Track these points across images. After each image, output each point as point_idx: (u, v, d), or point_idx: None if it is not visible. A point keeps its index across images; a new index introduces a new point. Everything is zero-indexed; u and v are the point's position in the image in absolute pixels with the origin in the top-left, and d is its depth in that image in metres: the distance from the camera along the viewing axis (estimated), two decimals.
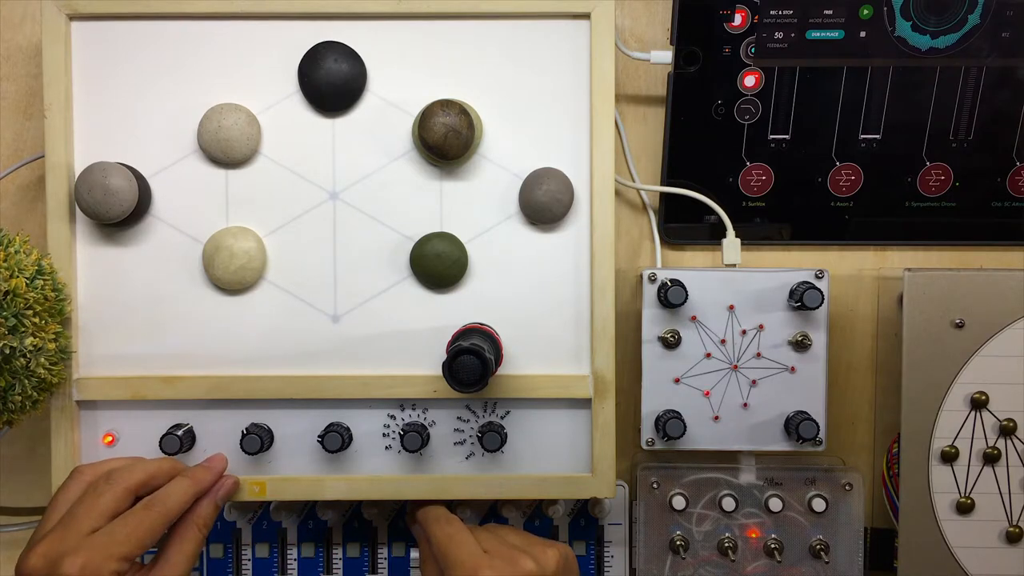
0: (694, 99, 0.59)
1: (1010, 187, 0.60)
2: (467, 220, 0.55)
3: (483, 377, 0.46)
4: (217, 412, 0.55)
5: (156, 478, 0.50)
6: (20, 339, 0.48)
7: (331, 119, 0.55)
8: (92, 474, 0.50)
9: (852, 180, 0.60)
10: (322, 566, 0.61)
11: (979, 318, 0.55)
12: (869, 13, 0.57)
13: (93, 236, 0.55)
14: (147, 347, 0.55)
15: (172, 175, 0.55)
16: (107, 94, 0.54)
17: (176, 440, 0.53)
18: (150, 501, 0.48)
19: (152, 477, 0.50)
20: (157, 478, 0.50)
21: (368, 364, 0.55)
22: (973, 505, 0.56)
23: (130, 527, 0.47)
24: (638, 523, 0.60)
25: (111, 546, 0.45)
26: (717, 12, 0.58)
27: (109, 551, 0.45)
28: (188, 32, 0.54)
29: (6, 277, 0.48)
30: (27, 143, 0.61)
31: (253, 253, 0.54)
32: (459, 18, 0.54)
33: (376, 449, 0.56)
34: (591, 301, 0.55)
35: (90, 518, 0.47)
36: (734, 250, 0.58)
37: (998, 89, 0.58)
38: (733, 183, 0.60)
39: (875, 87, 0.59)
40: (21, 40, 0.60)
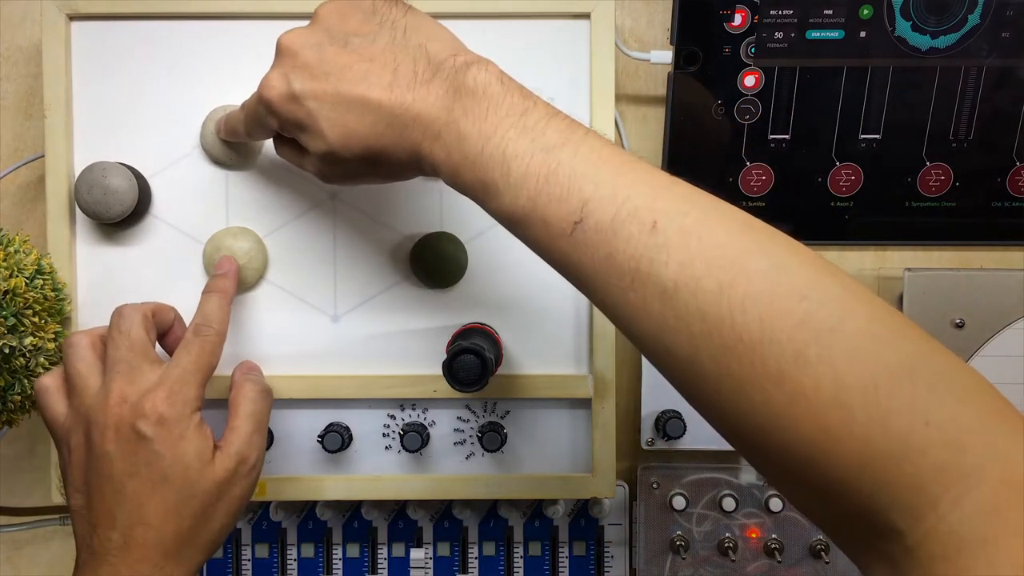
0: (694, 99, 0.59)
1: (1010, 187, 0.60)
2: (467, 220, 0.55)
3: (483, 377, 0.46)
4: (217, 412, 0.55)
5: (161, 308, 0.50)
6: (19, 339, 0.48)
7: None
8: (89, 336, 0.48)
9: (852, 180, 0.60)
10: (322, 566, 0.61)
11: (979, 318, 0.55)
12: (869, 13, 0.57)
13: (93, 236, 0.55)
14: None
15: (172, 175, 0.55)
16: (107, 94, 0.54)
17: None
18: (197, 327, 0.48)
19: (157, 307, 0.50)
20: (162, 308, 0.50)
21: (368, 364, 0.55)
22: None
23: (194, 353, 0.47)
24: (638, 523, 0.60)
25: (185, 374, 0.46)
26: (717, 12, 0.57)
27: (185, 378, 0.45)
28: (188, 32, 0.54)
29: (5, 276, 0.48)
30: (27, 143, 0.61)
31: (253, 253, 0.54)
32: (459, 18, 0.54)
33: (376, 449, 0.56)
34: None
35: (140, 356, 0.46)
36: None
37: (998, 89, 0.58)
38: (733, 183, 0.60)
39: (875, 87, 0.59)
40: (21, 40, 0.60)
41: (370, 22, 0.42)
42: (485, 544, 0.61)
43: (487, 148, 0.37)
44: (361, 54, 0.40)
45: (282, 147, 0.46)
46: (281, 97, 0.41)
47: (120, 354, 0.46)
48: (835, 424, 0.31)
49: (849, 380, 0.31)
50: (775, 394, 0.31)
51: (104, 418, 0.44)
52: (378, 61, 0.40)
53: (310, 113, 0.40)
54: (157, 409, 0.44)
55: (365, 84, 0.39)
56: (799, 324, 0.31)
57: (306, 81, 0.41)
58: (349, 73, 0.40)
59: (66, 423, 0.46)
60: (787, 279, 0.33)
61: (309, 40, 0.41)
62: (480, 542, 0.61)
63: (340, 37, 0.41)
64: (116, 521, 0.44)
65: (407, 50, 0.40)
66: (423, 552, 0.61)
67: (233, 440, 0.47)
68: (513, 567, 0.61)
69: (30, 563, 0.63)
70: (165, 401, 0.44)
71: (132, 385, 0.45)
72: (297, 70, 0.41)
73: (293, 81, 0.41)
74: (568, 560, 0.61)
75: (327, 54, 0.41)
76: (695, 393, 0.35)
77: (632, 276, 0.34)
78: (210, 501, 0.45)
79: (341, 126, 0.40)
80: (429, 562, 0.61)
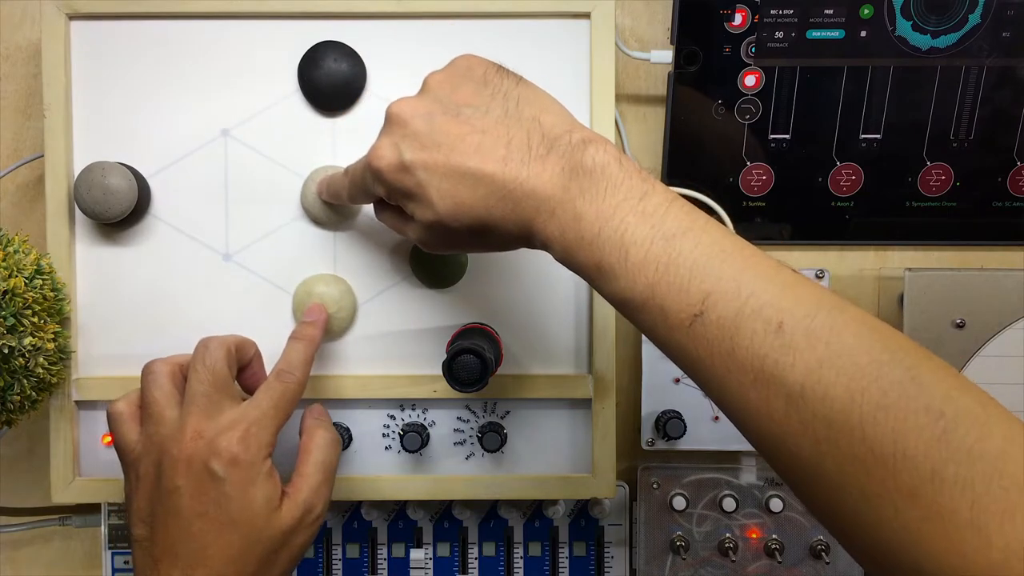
0: (694, 99, 0.59)
1: (1010, 187, 0.60)
2: None
3: (483, 377, 0.46)
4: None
5: (244, 343, 0.50)
6: (19, 339, 0.48)
7: (331, 119, 0.55)
8: (169, 365, 0.47)
9: (852, 180, 0.60)
10: (322, 566, 0.61)
11: (980, 318, 0.55)
12: (869, 13, 0.57)
13: (93, 236, 0.55)
14: (147, 347, 0.55)
15: (172, 175, 0.55)
16: (107, 94, 0.54)
17: None
18: (279, 372, 0.48)
19: (241, 341, 0.50)
20: (245, 344, 0.50)
21: (368, 364, 0.55)
22: None
23: (275, 398, 0.46)
24: (638, 523, 0.60)
25: (262, 418, 0.45)
26: (717, 12, 0.57)
27: (262, 422, 0.45)
28: (188, 31, 0.54)
29: (5, 276, 0.48)
30: (27, 143, 0.61)
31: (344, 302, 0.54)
32: (459, 18, 0.54)
33: (376, 449, 0.56)
34: (591, 301, 0.55)
35: (216, 388, 0.46)
36: None
37: (999, 89, 0.58)
38: (733, 183, 0.60)
39: (875, 87, 0.59)
40: (21, 40, 0.60)
41: (482, 93, 0.41)
42: (485, 544, 0.61)
43: (604, 231, 0.36)
44: (473, 125, 0.40)
45: (384, 213, 0.46)
46: (391, 166, 0.41)
47: (202, 388, 0.45)
48: (971, 548, 0.30)
49: (987, 503, 0.30)
50: (907, 510, 0.31)
51: (178, 451, 0.44)
52: (491, 133, 0.39)
53: (420, 183, 0.40)
54: (231, 449, 0.43)
55: (478, 156, 0.39)
56: (935, 441, 0.31)
57: (417, 151, 0.40)
58: (462, 144, 0.39)
59: (136, 449, 0.46)
60: (922, 392, 0.32)
61: (420, 109, 0.41)
62: (480, 542, 0.61)
63: (452, 107, 0.40)
64: (179, 559, 0.43)
65: (521, 123, 0.40)
66: (423, 552, 0.61)
67: (302, 488, 0.46)
68: (513, 567, 0.61)
69: (30, 563, 0.63)
70: (240, 442, 0.44)
71: (209, 421, 0.44)
72: (408, 139, 0.40)
73: (404, 151, 0.40)
74: (568, 560, 0.61)
75: (438, 124, 0.40)
76: (816, 499, 0.34)
77: (755, 374, 0.34)
78: (274, 548, 0.44)
79: (451, 197, 0.39)
80: (429, 562, 0.61)
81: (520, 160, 0.38)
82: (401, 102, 0.41)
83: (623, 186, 0.37)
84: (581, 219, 0.37)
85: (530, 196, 0.38)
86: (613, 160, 0.37)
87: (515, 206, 0.38)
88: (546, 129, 0.39)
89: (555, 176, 0.38)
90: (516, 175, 0.38)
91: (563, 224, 0.37)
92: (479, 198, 0.39)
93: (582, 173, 0.37)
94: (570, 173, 0.38)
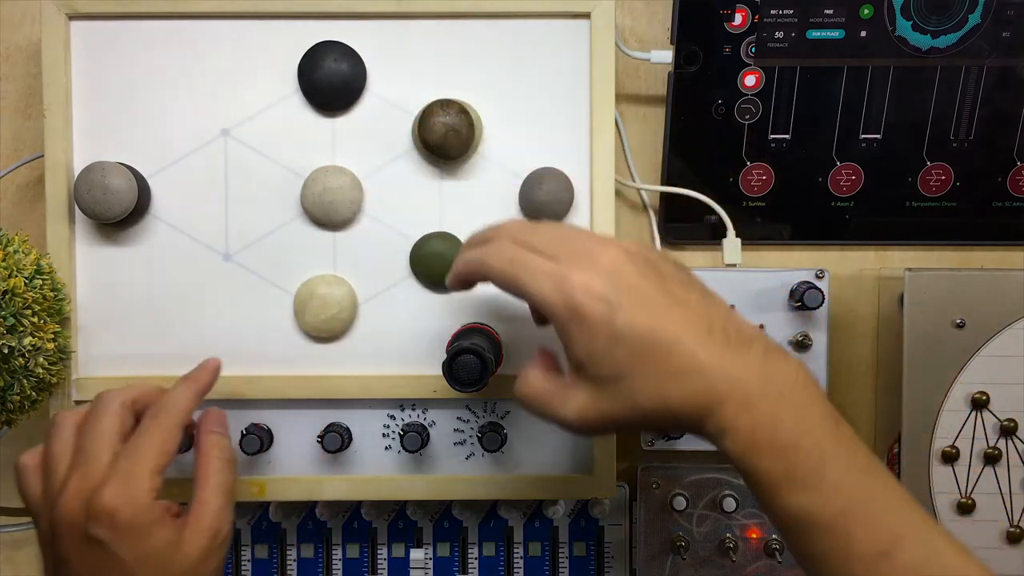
0: (694, 99, 0.59)
1: (1010, 187, 0.60)
2: (467, 220, 0.55)
3: (483, 377, 0.46)
4: None
5: (146, 395, 0.47)
6: (19, 339, 0.48)
7: (331, 119, 0.55)
8: (76, 415, 0.46)
9: (852, 180, 0.60)
10: (322, 566, 0.61)
11: (980, 318, 0.55)
12: (869, 13, 0.57)
13: (93, 236, 0.55)
14: (146, 347, 0.55)
15: (172, 175, 0.55)
16: (107, 94, 0.54)
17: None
18: (153, 410, 0.45)
19: (142, 394, 0.47)
20: (147, 395, 0.47)
21: (368, 364, 0.55)
22: (974, 505, 0.56)
23: (146, 439, 0.44)
24: (638, 523, 0.60)
25: (137, 464, 0.42)
26: (717, 12, 0.57)
27: (137, 470, 0.42)
28: (188, 32, 0.54)
29: (4, 276, 0.48)
30: (27, 143, 0.60)
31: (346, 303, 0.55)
32: (459, 18, 0.54)
33: (376, 449, 0.56)
34: None
35: (101, 446, 0.43)
36: (734, 250, 0.58)
37: (998, 89, 0.58)
38: (733, 183, 0.60)
39: (875, 87, 0.58)
40: (21, 40, 0.60)
41: (681, 271, 0.41)
42: (485, 544, 0.61)
43: (804, 442, 0.36)
44: (677, 297, 0.39)
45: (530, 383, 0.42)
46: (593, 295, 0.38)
47: (84, 443, 0.44)
48: None
49: None
50: None
51: (59, 514, 0.42)
52: (692, 311, 0.38)
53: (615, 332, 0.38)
54: (109, 506, 0.41)
55: (684, 327, 0.38)
56: None
57: (622, 294, 0.38)
58: (668, 313, 0.38)
59: (35, 507, 0.45)
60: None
61: (635, 264, 0.39)
62: (480, 542, 0.61)
63: (658, 274, 0.39)
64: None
65: (717, 309, 0.39)
66: (423, 552, 0.61)
67: (204, 515, 0.44)
68: (513, 567, 0.61)
69: (30, 563, 0.63)
70: (117, 496, 0.41)
71: (85, 480, 0.42)
72: (622, 288, 0.38)
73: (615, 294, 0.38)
74: (568, 560, 0.61)
75: (650, 284, 0.39)
76: None
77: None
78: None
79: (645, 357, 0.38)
80: (429, 562, 0.61)
81: (721, 343, 0.38)
82: (612, 249, 0.40)
83: (819, 405, 0.37)
84: (779, 424, 0.37)
85: (726, 382, 0.37)
86: (810, 377, 0.38)
87: (703, 384, 0.37)
88: (741, 324, 0.39)
89: (755, 369, 0.37)
90: (718, 356, 0.37)
91: (756, 421, 0.37)
92: (666, 372, 0.37)
93: (782, 378, 0.37)
94: (770, 374, 0.37)
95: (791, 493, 0.36)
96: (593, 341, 0.38)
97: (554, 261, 0.39)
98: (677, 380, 0.37)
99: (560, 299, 0.38)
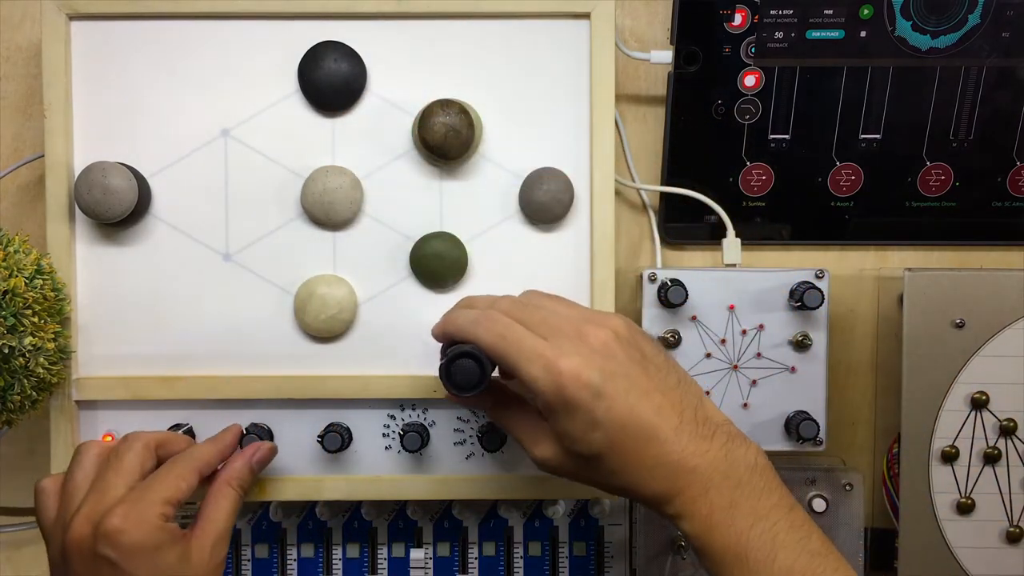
0: (694, 99, 0.59)
1: (1010, 187, 0.60)
2: (467, 220, 0.55)
3: (481, 381, 0.45)
4: (217, 412, 0.55)
5: (171, 441, 0.49)
6: (19, 339, 0.48)
7: (331, 119, 0.55)
8: (99, 447, 0.48)
9: (852, 180, 0.60)
10: (322, 566, 0.61)
11: (979, 318, 0.55)
12: (869, 13, 0.57)
13: (93, 236, 0.55)
14: (147, 347, 0.55)
15: (172, 175, 0.55)
16: (107, 94, 0.54)
17: None
18: (175, 457, 0.48)
19: (168, 439, 0.49)
20: (172, 441, 0.49)
21: (368, 364, 0.55)
22: (973, 505, 0.56)
23: (163, 475, 0.46)
24: (638, 523, 0.60)
25: (150, 493, 0.44)
26: (717, 12, 0.57)
27: (149, 498, 0.44)
28: (188, 32, 0.54)
29: (5, 276, 0.48)
30: (27, 143, 0.61)
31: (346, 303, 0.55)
32: (459, 18, 0.54)
33: (376, 449, 0.56)
34: (591, 301, 0.55)
35: (121, 478, 0.45)
36: (734, 250, 0.58)
37: (998, 89, 0.58)
38: (733, 183, 0.60)
39: (875, 87, 0.59)
40: (21, 40, 0.60)
41: (659, 354, 0.43)
42: (485, 544, 0.61)
43: (757, 527, 0.39)
44: (657, 383, 0.41)
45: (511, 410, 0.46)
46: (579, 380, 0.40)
47: (103, 473, 0.46)
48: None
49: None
50: None
51: (70, 539, 0.43)
52: (669, 397, 0.41)
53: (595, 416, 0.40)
54: (116, 527, 0.42)
55: (659, 417, 0.40)
56: None
57: (611, 380, 0.40)
58: (647, 399, 0.41)
59: (48, 529, 0.46)
60: None
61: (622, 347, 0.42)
62: (480, 542, 0.61)
63: (641, 358, 0.42)
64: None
65: (690, 397, 0.42)
66: (423, 552, 0.61)
67: (210, 531, 0.46)
68: (513, 567, 0.61)
69: (30, 563, 0.63)
70: (125, 519, 0.43)
71: (97, 505, 0.44)
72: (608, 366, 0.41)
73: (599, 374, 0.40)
74: (568, 560, 0.61)
75: (635, 368, 0.41)
76: None
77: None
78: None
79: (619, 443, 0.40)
80: (429, 562, 0.61)
81: (689, 433, 0.41)
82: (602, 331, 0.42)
83: (776, 491, 0.40)
84: (736, 508, 0.40)
85: (690, 472, 0.40)
86: (768, 464, 0.41)
87: (669, 473, 0.40)
88: (709, 412, 0.42)
89: (718, 459, 0.40)
90: (684, 447, 0.40)
91: (713, 505, 0.40)
92: (641, 454, 0.40)
93: (742, 466, 0.40)
94: (731, 463, 0.40)
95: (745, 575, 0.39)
96: (574, 424, 0.41)
97: (545, 340, 0.41)
98: (647, 469, 0.40)
99: (550, 387, 0.40)
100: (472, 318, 0.44)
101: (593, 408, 0.40)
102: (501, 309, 0.44)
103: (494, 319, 0.43)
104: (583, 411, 0.40)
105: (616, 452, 0.41)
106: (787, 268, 0.56)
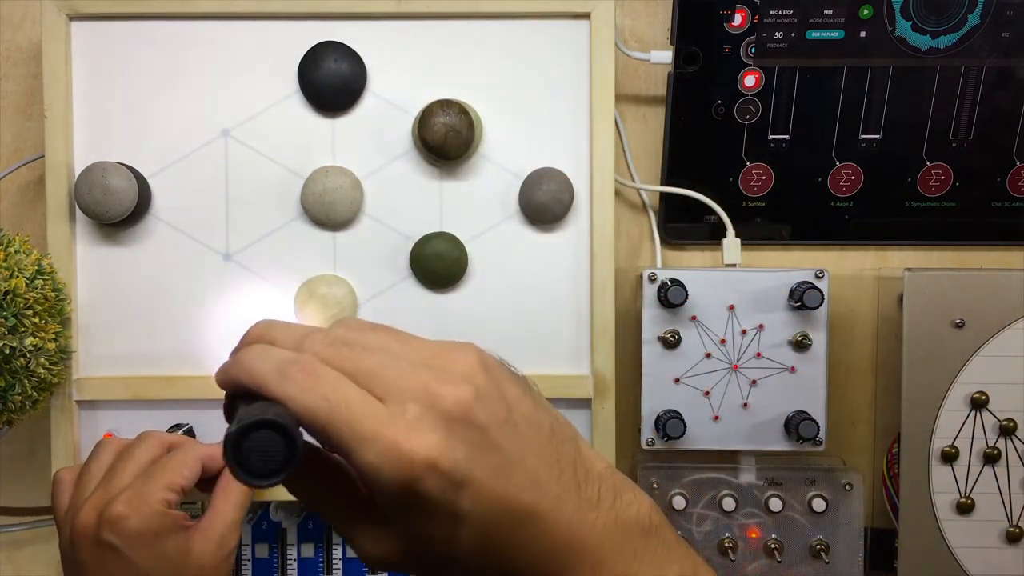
0: (694, 99, 0.59)
1: (1010, 187, 0.60)
2: (467, 220, 0.55)
3: (287, 464, 0.29)
4: (217, 412, 0.55)
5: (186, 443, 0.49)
6: (20, 339, 0.48)
7: (331, 119, 0.55)
8: (118, 442, 0.49)
9: (852, 180, 0.60)
10: (322, 566, 0.61)
11: (979, 318, 0.55)
12: (869, 13, 0.57)
13: (93, 236, 0.55)
14: (146, 347, 0.55)
15: (172, 175, 0.55)
16: (107, 94, 0.54)
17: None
18: (181, 446, 0.48)
19: (183, 441, 0.50)
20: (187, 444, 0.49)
21: None
22: (973, 505, 0.56)
23: (165, 462, 0.46)
24: None
25: (151, 480, 0.45)
26: (717, 12, 0.57)
27: (151, 484, 0.44)
28: (188, 32, 0.54)
29: (6, 277, 0.48)
30: (27, 143, 0.61)
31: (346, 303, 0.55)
32: (459, 18, 0.54)
33: None
34: (591, 301, 0.55)
35: (129, 469, 0.46)
36: (734, 250, 0.58)
37: (998, 89, 0.58)
38: (733, 183, 0.60)
39: (875, 87, 0.59)
40: (21, 40, 0.60)
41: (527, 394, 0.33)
42: None
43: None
44: (530, 444, 0.32)
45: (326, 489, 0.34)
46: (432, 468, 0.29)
47: (116, 465, 0.46)
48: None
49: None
50: None
51: (77, 525, 0.44)
52: (544, 457, 0.32)
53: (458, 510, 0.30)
54: (118, 513, 0.43)
55: (536, 491, 0.31)
56: None
57: (473, 463, 0.30)
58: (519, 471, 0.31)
59: (60, 518, 0.47)
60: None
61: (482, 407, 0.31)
62: None
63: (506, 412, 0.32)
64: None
65: (567, 447, 0.33)
66: None
67: (216, 523, 0.46)
68: None
69: (30, 563, 0.63)
70: (127, 506, 0.43)
71: (105, 494, 0.44)
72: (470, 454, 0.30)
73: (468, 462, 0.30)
74: None
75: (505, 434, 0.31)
76: None
77: None
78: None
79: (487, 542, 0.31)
80: None
81: (574, 504, 0.32)
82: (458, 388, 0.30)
83: (675, 551, 0.35)
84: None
85: (578, 551, 0.32)
86: (664, 521, 0.35)
87: (553, 553, 0.32)
88: (588, 462, 0.34)
89: (608, 529, 0.33)
90: (569, 521, 0.32)
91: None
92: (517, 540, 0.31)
93: (636, 532, 0.34)
94: (625, 530, 0.33)
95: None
96: (430, 526, 0.31)
97: (382, 406, 0.30)
98: (524, 556, 0.32)
99: (396, 480, 0.29)
100: (277, 366, 0.31)
101: (455, 501, 0.30)
102: (318, 353, 0.31)
103: (312, 371, 0.30)
104: (443, 508, 0.30)
105: (487, 545, 0.31)
106: (787, 268, 0.56)
